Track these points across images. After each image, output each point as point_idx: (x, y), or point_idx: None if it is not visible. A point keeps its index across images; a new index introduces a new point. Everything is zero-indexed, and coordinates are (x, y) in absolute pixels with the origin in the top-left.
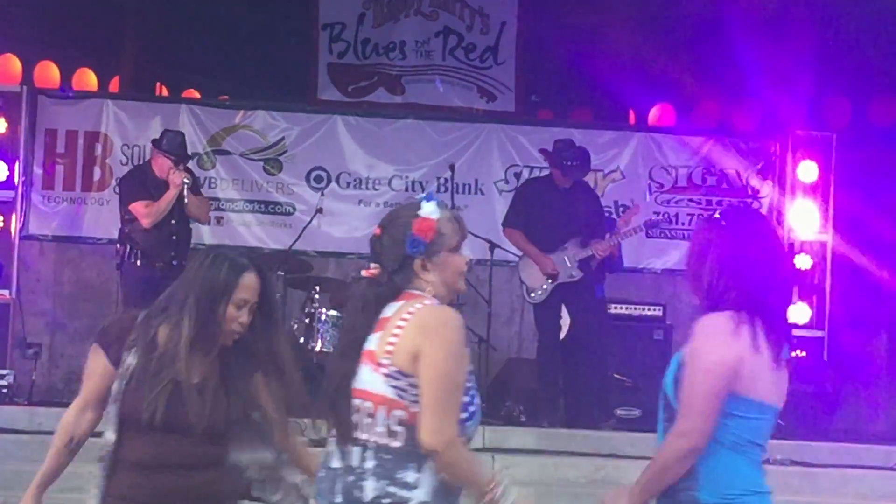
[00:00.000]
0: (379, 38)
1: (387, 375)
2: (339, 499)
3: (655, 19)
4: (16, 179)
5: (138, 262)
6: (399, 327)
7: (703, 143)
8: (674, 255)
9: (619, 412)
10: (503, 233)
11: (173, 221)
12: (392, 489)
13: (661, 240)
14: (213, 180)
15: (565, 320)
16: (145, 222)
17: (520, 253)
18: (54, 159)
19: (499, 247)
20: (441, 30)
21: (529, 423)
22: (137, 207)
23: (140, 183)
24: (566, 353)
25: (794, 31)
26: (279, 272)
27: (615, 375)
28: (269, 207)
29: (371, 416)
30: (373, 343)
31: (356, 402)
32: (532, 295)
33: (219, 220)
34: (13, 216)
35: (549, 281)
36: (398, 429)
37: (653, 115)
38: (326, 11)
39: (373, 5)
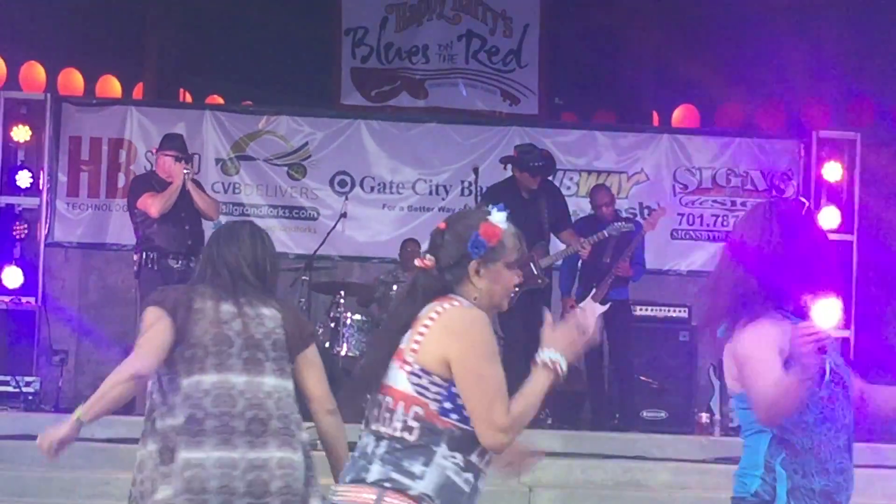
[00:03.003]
0: (402, 42)
1: (410, 373)
2: (348, 478)
3: (678, 20)
4: (40, 187)
5: (155, 267)
6: (426, 326)
7: (727, 144)
8: (699, 256)
9: (645, 414)
10: None
11: (183, 214)
12: (395, 475)
13: (686, 241)
14: (237, 186)
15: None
16: (153, 211)
17: None
18: (79, 166)
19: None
20: (464, 33)
21: (556, 425)
22: (143, 200)
23: (145, 184)
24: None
25: (819, 30)
26: (304, 277)
27: (641, 377)
28: (293, 212)
29: (390, 410)
30: (403, 341)
31: (378, 396)
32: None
33: None
34: (38, 223)
35: (516, 288)
36: (414, 424)
37: (677, 116)
38: (349, 16)
39: (395, 10)
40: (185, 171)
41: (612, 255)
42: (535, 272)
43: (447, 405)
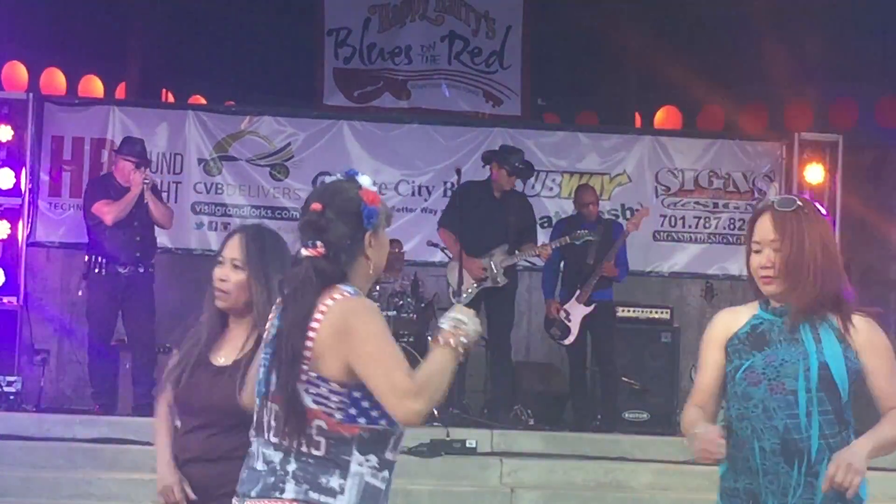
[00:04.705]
0: (384, 42)
1: (307, 382)
2: (253, 492)
3: (661, 22)
4: (22, 186)
5: (103, 272)
6: (312, 330)
7: (709, 146)
8: (681, 258)
9: (627, 415)
10: (437, 231)
11: (136, 224)
12: (314, 495)
13: (668, 243)
14: (219, 186)
15: (574, 326)
16: (108, 219)
17: (526, 260)
18: (61, 166)
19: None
20: (447, 34)
21: (538, 426)
22: (99, 207)
23: (102, 188)
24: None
25: (801, 33)
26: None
27: (623, 379)
28: (275, 213)
29: None
30: None
31: (273, 406)
32: (458, 298)
33: (226, 226)
34: (20, 223)
35: (475, 284)
36: (320, 438)
37: (659, 118)
38: (332, 17)
39: (378, 10)
40: (144, 181)
41: (596, 257)
42: (495, 271)
43: (352, 411)
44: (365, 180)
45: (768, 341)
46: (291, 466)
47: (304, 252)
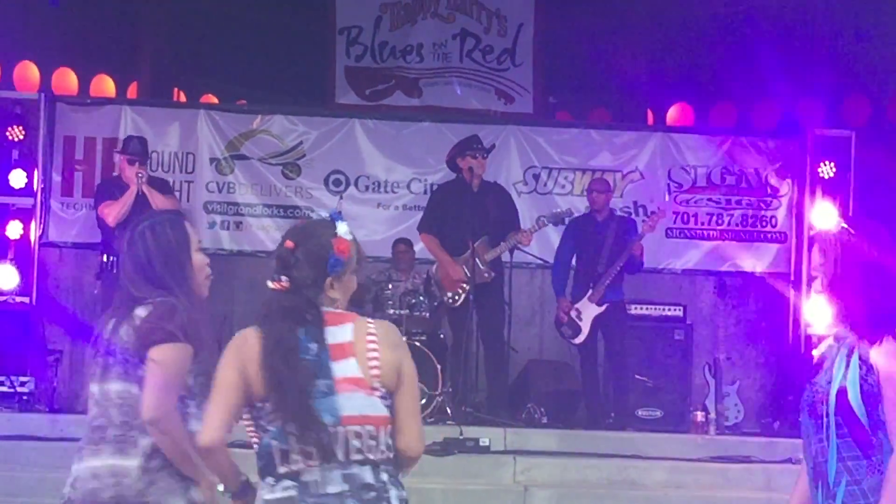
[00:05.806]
0: (396, 41)
1: (381, 397)
2: None
3: (673, 19)
4: (35, 186)
5: (115, 269)
6: (374, 350)
7: (721, 143)
8: (693, 255)
9: (640, 413)
10: (420, 237)
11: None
12: (403, 493)
13: (681, 240)
14: (231, 185)
15: (585, 325)
16: (109, 220)
17: (539, 258)
18: (73, 166)
19: (518, 248)
20: (458, 32)
21: (551, 424)
22: (102, 208)
23: (108, 189)
24: (584, 357)
25: (813, 29)
26: None
27: (636, 376)
28: (287, 212)
29: (374, 437)
30: (352, 369)
31: (355, 428)
32: (450, 301)
33: (238, 225)
34: (32, 223)
35: (465, 284)
36: (391, 441)
37: (671, 115)
38: (343, 15)
39: (389, 8)
40: (138, 175)
41: (609, 256)
42: (481, 267)
43: None
44: (342, 228)
45: (823, 367)
46: (385, 476)
47: (269, 284)
